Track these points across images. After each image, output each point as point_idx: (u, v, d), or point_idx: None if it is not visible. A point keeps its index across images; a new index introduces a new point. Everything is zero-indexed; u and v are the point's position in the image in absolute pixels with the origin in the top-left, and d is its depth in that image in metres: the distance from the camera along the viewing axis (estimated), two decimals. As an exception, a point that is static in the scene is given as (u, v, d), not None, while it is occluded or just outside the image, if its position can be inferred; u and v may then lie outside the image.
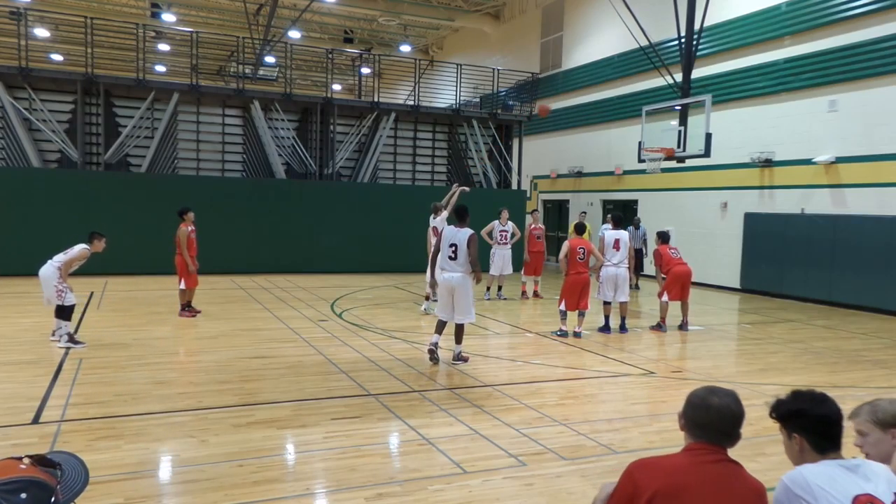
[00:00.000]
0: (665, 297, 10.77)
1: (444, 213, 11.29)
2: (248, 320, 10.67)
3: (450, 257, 7.97)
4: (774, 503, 2.27)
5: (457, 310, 8.01)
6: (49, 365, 7.32)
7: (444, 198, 11.87)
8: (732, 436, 2.36)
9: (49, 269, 8.36)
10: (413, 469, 4.73)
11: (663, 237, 11.18)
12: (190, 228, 10.70)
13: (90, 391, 6.45)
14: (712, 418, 2.35)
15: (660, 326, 10.77)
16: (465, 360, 8.11)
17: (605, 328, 10.50)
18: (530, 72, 22.72)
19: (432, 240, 10.64)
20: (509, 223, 13.84)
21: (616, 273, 10.45)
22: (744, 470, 2.30)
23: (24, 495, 1.34)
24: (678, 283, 10.74)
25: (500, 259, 13.64)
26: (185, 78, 20.43)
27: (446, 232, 8.12)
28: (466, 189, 12.20)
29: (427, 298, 11.71)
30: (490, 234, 13.68)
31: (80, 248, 8.50)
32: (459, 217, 8.19)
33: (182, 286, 10.78)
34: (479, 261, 8.16)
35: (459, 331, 8.11)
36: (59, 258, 8.43)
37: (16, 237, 15.48)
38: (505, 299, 13.75)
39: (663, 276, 10.86)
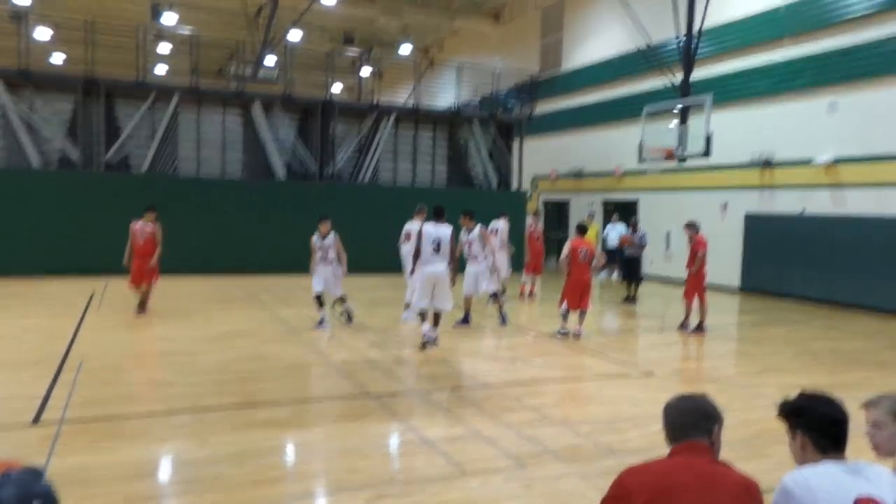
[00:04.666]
0: (689, 299, 10.70)
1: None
2: (248, 321, 10.67)
3: (434, 251, 8.71)
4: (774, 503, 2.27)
5: (438, 298, 8.78)
6: (50, 365, 7.32)
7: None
8: (702, 429, 2.39)
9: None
10: (412, 470, 4.73)
11: (697, 227, 10.88)
12: (138, 225, 10.94)
13: (90, 392, 6.45)
14: (676, 415, 2.45)
15: (701, 327, 10.64)
16: (436, 343, 8.78)
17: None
18: (530, 73, 22.72)
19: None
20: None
21: None
22: (732, 468, 2.32)
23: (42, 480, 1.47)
24: (702, 284, 10.69)
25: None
26: (186, 79, 20.42)
27: (428, 229, 8.79)
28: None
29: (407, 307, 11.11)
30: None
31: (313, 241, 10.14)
32: (438, 216, 8.92)
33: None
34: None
35: (438, 317, 8.96)
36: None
37: (16, 238, 15.48)
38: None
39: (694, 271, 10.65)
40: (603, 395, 7.04)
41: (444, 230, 8.80)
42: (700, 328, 10.64)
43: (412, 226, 11.17)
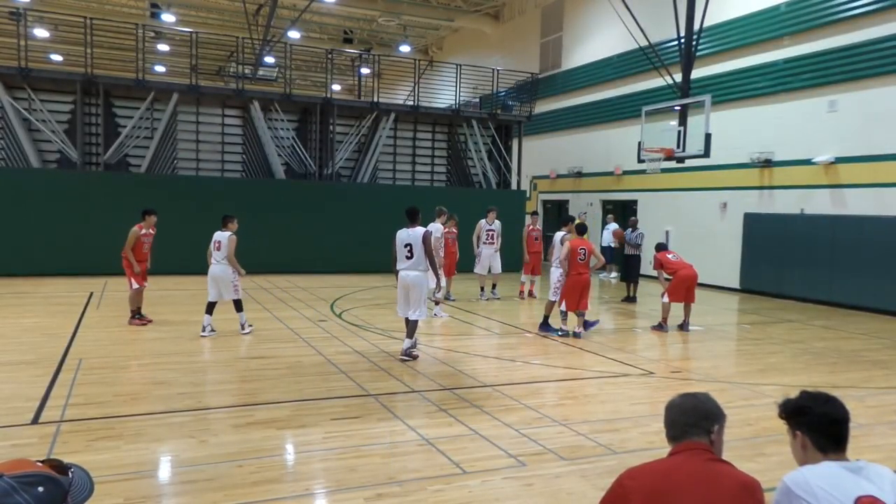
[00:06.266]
0: (666, 298, 10.78)
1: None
2: (247, 321, 10.64)
3: (406, 256, 8.25)
4: (775, 503, 2.27)
5: (411, 305, 8.29)
6: (48, 365, 7.32)
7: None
8: (701, 428, 2.39)
9: (221, 267, 9.53)
10: (412, 469, 4.73)
11: (659, 247, 11.41)
12: (143, 231, 10.42)
13: (89, 391, 6.44)
14: (675, 414, 2.45)
15: (661, 327, 10.76)
16: (415, 357, 8.13)
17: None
18: (530, 72, 22.72)
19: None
20: (496, 222, 13.79)
21: None
22: (732, 467, 2.32)
23: (40, 488, 1.38)
24: (683, 286, 10.73)
25: (487, 258, 13.67)
26: (185, 78, 20.44)
27: (400, 234, 8.35)
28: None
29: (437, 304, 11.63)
30: (478, 234, 13.71)
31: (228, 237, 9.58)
32: (410, 218, 8.40)
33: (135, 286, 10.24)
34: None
35: (412, 326, 8.25)
36: (223, 255, 9.50)
37: (15, 237, 15.47)
38: (499, 298, 13.81)
39: (667, 277, 10.92)
40: (603, 395, 7.03)
41: (415, 233, 8.22)
42: (680, 327, 10.84)
43: (434, 227, 11.25)
